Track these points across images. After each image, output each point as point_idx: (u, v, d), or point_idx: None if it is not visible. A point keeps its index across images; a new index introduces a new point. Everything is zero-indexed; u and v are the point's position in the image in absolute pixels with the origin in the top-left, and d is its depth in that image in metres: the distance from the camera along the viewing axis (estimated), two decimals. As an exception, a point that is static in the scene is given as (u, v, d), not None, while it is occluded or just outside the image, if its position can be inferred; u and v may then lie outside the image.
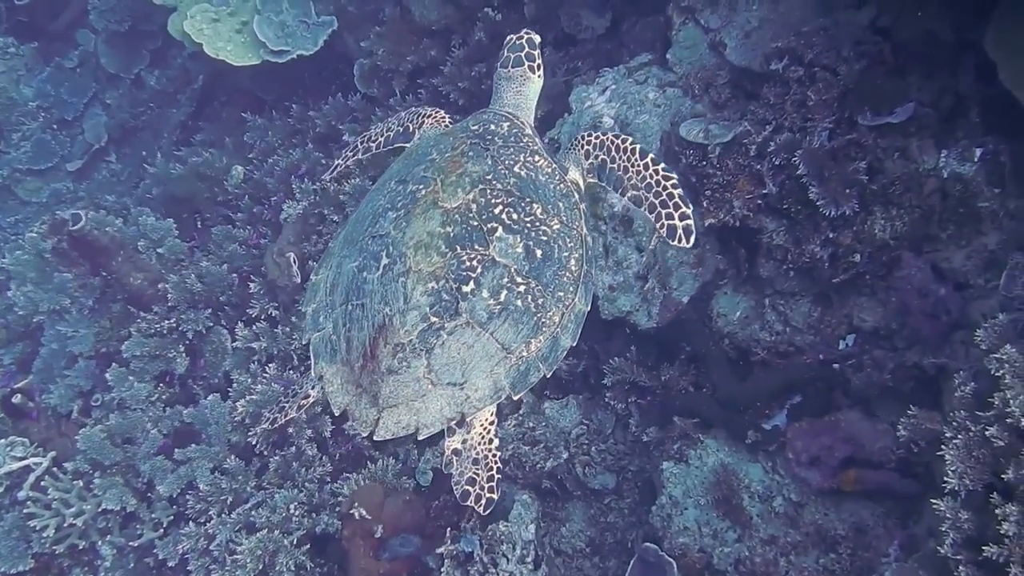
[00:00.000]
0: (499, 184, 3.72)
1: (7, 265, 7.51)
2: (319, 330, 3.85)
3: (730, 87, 5.58)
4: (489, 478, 3.71)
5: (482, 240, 3.59)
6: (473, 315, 3.51)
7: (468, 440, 3.73)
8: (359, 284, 3.68)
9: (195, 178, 7.98)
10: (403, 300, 3.52)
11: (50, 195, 10.11)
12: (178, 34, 8.14)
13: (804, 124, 5.03)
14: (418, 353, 3.50)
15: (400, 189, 3.86)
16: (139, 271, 6.93)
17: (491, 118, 4.13)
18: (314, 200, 7.00)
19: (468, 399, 3.56)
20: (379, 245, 3.69)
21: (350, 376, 3.67)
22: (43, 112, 10.41)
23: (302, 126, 7.99)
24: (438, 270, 3.53)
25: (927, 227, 4.85)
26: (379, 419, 3.56)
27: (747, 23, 5.47)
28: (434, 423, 3.56)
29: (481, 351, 3.54)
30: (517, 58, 4.30)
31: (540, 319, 3.61)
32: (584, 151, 4.09)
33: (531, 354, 3.62)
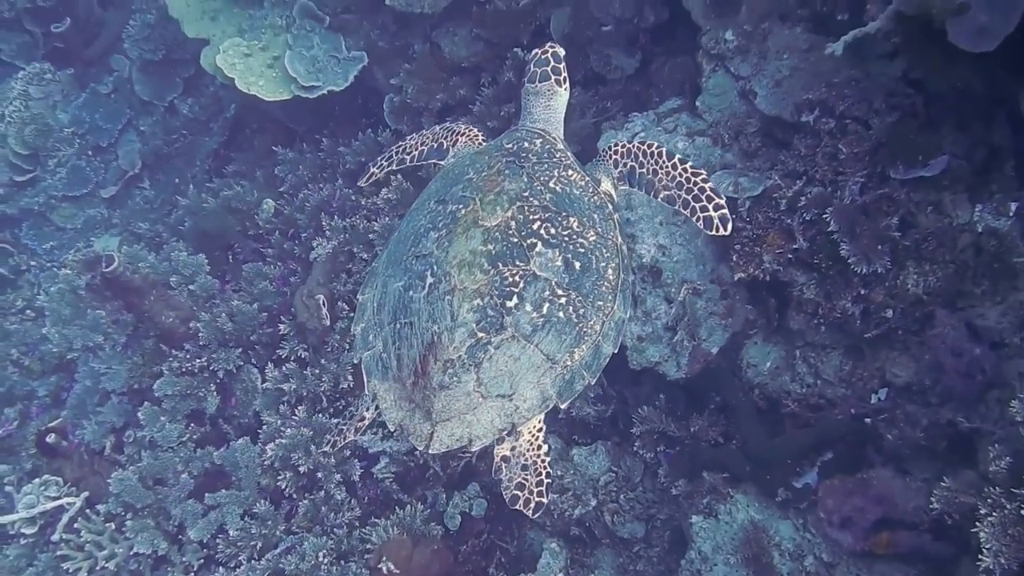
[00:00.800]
0: (536, 200, 3.82)
1: (43, 302, 7.58)
2: (369, 349, 3.94)
3: (760, 136, 5.53)
4: (538, 483, 3.76)
5: (523, 256, 3.69)
6: (518, 329, 3.61)
7: (517, 447, 3.80)
8: (406, 303, 3.79)
9: (226, 212, 8.02)
10: (450, 318, 3.62)
11: (85, 222, 10.21)
12: (210, 68, 8.18)
13: (835, 177, 4.98)
14: (467, 368, 3.60)
15: (440, 209, 3.95)
16: (171, 309, 6.99)
17: (524, 135, 4.24)
18: (344, 238, 7.01)
19: (517, 409, 3.65)
20: (423, 265, 3.80)
21: (403, 393, 3.76)
22: (78, 138, 10.50)
23: (332, 160, 8.00)
24: (482, 287, 3.63)
25: (961, 283, 4.78)
26: (433, 433, 3.65)
27: (778, 72, 5.41)
28: (486, 434, 3.66)
29: (527, 363, 3.63)
30: (543, 72, 4.36)
31: (582, 329, 3.71)
32: (613, 160, 4.24)
33: (575, 363, 3.71)
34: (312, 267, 6.93)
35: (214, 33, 8.41)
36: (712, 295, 5.41)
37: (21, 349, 8.53)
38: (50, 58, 11.10)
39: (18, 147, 10.38)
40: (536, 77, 4.37)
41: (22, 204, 10.26)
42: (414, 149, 4.81)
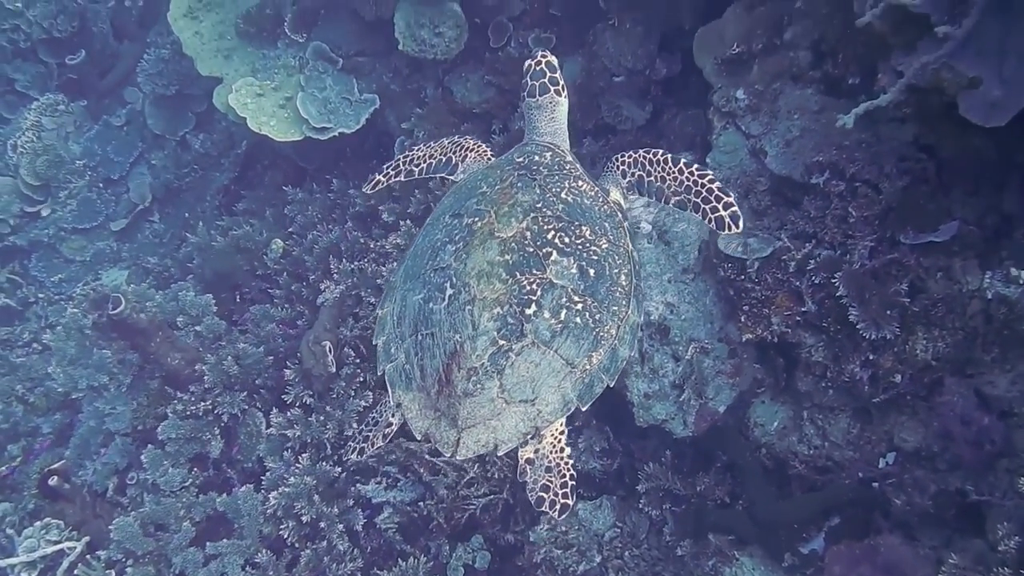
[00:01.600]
0: (549, 211, 3.95)
1: (49, 341, 7.58)
2: (392, 360, 4.04)
3: (770, 194, 5.51)
4: (563, 484, 3.86)
5: (539, 265, 3.81)
6: (537, 335, 3.73)
7: (540, 449, 3.91)
8: (426, 315, 3.89)
9: (235, 251, 8.02)
10: (472, 327, 3.72)
11: (94, 254, 10.23)
12: (223, 107, 8.23)
13: (845, 240, 4.96)
14: (490, 375, 3.71)
15: (456, 223, 4.07)
16: (177, 351, 6.97)
17: (534, 149, 4.39)
18: (352, 282, 7.00)
19: (540, 414, 3.77)
20: (442, 277, 3.91)
21: (427, 402, 3.87)
22: (89, 171, 10.55)
23: (342, 201, 8.01)
24: (501, 296, 3.75)
25: (970, 350, 4.74)
26: (459, 439, 3.76)
27: (788, 132, 5.40)
28: (511, 439, 3.77)
29: (548, 368, 3.75)
30: (543, 85, 4.48)
31: (599, 333, 3.84)
32: (620, 171, 4.38)
33: (593, 367, 3.83)
34: (319, 312, 6.91)
35: (227, 72, 8.46)
36: (720, 354, 5.39)
37: (27, 384, 8.53)
38: (64, 89, 11.19)
39: (30, 178, 10.44)
40: (536, 91, 4.49)
41: (32, 236, 10.30)
42: (422, 161, 4.90)
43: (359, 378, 6.57)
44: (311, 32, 8.13)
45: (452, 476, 6.08)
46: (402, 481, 6.23)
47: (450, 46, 7.32)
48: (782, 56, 5.49)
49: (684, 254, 5.43)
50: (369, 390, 6.52)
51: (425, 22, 7.24)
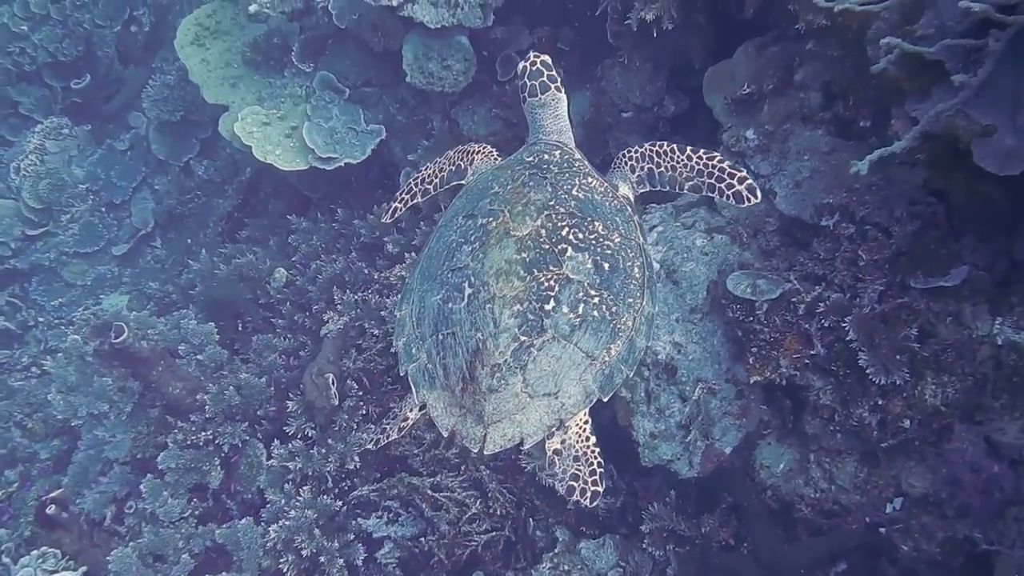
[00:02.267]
0: (561, 208, 4.03)
1: (49, 367, 7.53)
2: (414, 361, 4.08)
3: (779, 235, 5.50)
4: (591, 472, 3.92)
5: (555, 261, 3.88)
6: (557, 330, 3.79)
7: (566, 440, 3.94)
8: (446, 315, 3.93)
9: (238, 279, 8.00)
10: (493, 325, 3.77)
11: (95, 279, 10.23)
12: (228, 134, 8.22)
13: (854, 283, 4.93)
14: (514, 371, 3.76)
15: (470, 223, 4.13)
16: (178, 380, 6.94)
17: (543, 148, 4.47)
18: (356, 314, 6.97)
19: (563, 406, 3.82)
20: (460, 277, 3.96)
21: (452, 399, 3.90)
22: (92, 195, 10.57)
23: (346, 231, 7.99)
24: (520, 293, 3.81)
25: (980, 396, 4.71)
26: (486, 435, 3.79)
27: (798, 172, 5.40)
28: (536, 432, 3.82)
29: (569, 361, 3.81)
30: (542, 84, 4.54)
31: (616, 325, 3.91)
32: (629, 166, 4.49)
33: (613, 358, 3.90)
34: (322, 343, 6.88)
35: (233, 100, 8.47)
36: (727, 395, 5.35)
37: (25, 410, 8.48)
38: (68, 112, 11.23)
39: (32, 201, 10.45)
40: (537, 90, 4.54)
41: (33, 259, 10.26)
42: (434, 177, 4.94)
43: (362, 411, 6.54)
44: (318, 62, 8.15)
45: (454, 512, 6.04)
46: (403, 516, 6.20)
47: (458, 79, 7.32)
48: (792, 97, 5.49)
49: (692, 294, 5.40)
50: (372, 423, 6.49)
51: (433, 55, 7.25)
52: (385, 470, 6.54)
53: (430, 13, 7.01)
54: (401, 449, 6.39)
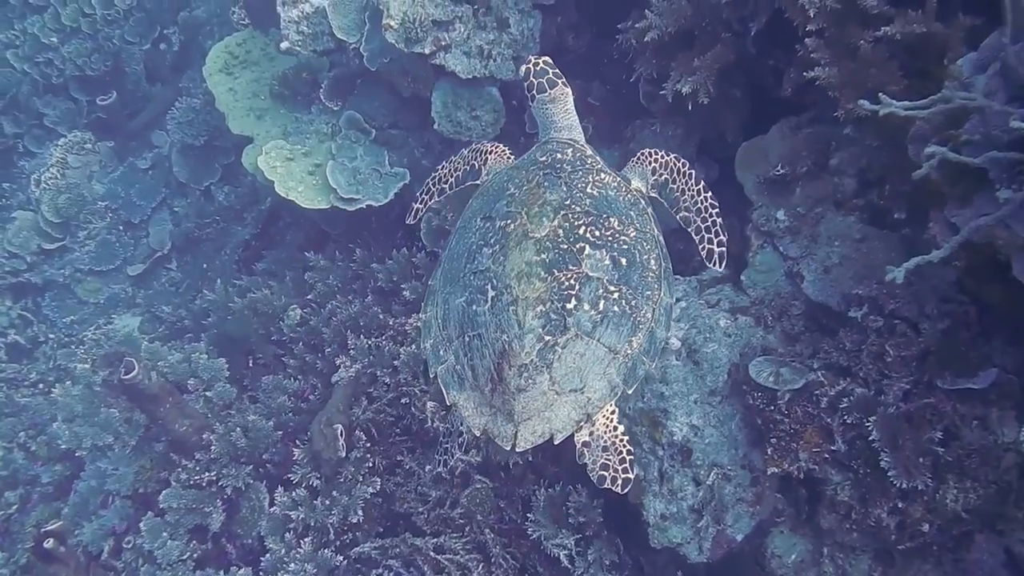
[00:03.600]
0: (577, 207, 4.13)
1: (57, 396, 7.46)
2: (442, 363, 4.19)
3: (804, 319, 5.41)
4: (621, 460, 4.05)
5: (574, 260, 3.99)
6: (580, 327, 3.91)
7: (594, 431, 4.07)
8: (471, 317, 4.05)
9: (252, 314, 7.90)
10: (517, 326, 3.88)
11: (108, 298, 10.16)
12: (251, 167, 8.16)
13: (880, 379, 4.84)
14: (540, 370, 3.87)
15: (488, 226, 4.21)
16: (186, 417, 6.86)
17: (555, 147, 4.54)
18: (368, 361, 6.88)
19: (590, 400, 3.95)
20: (482, 280, 4.06)
21: (482, 400, 4.01)
22: (111, 212, 10.51)
23: (364, 272, 7.88)
24: (542, 294, 3.92)
25: (1003, 505, 4.60)
26: (517, 432, 3.91)
27: (827, 258, 5.30)
28: (565, 427, 3.95)
29: (592, 357, 3.93)
30: (549, 80, 4.63)
31: (636, 319, 4.03)
32: (652, 168, 4.65)
33: (634, 351, 4.03)
34: (333, 390, 6.79)
35: (258, 132, 8.41)
36: (742, 481, 5.25)
37: (30, 432, 8.41)
38: (92, 127, 11.20)
39: (50, 215, 10.42)
40: (545, 87, 4.62)
41: (48, 274, 10.20)
42: (450, 176, 5.10)
43: (368, 463, 6.44)
44: (346, 100, 8.09)
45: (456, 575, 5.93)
46: (404, 576, 6.10)
47: (486, 130, 7.25)
48: (826, 181, 5.41)
49: (713, 376, 5.31)
50: (377, 476, 6.40)
51: (463, 104, 7.19)
52: (388, 525, 6.45)
53: (462, 63, 6.96)
54: (406, 506, 6.30)
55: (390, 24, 6.86)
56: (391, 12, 6.86)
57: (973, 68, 4.31)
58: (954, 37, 4.62)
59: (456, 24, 6.95)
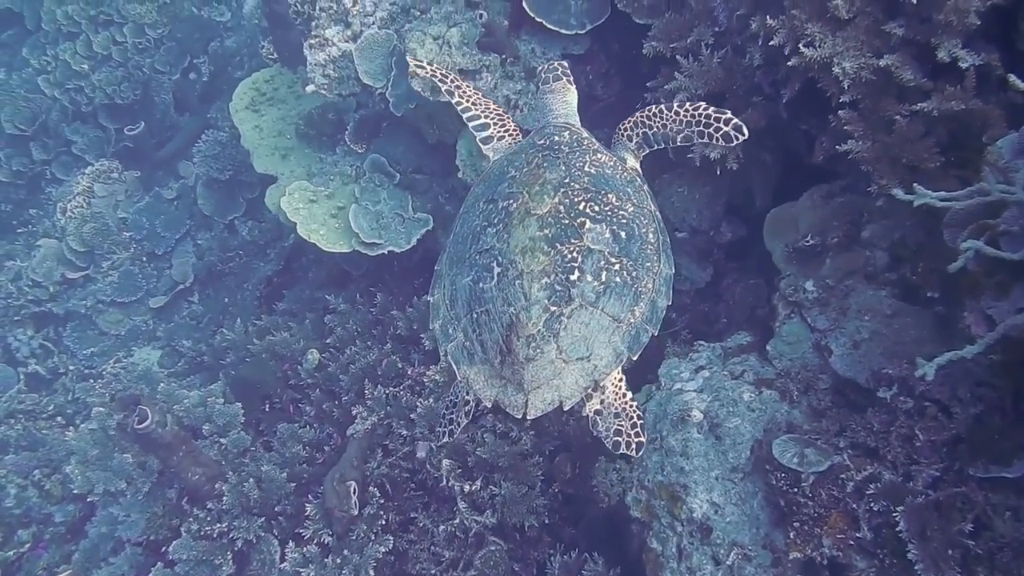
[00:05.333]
0: (576, 184, 4.35)
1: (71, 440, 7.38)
2: (451, 340, 4.37)
3: (832, 393, 5.22)
4: (632, 425, 4.33)
5: (576, 234, 4.17)
6: (584, 298, 4.08)
7: (605, 399, 4.29)
8: (478, 294, 4.24)
9: (270, 356, 7.82)
10: (524, 299, 4.07)
11: (129, 330, 10.13)
12: (273, 207, 8.10)
13: (908, 463, 4.65)
14: (547, 339, 4.04)
15: (491, 208, 4.42)
16: (199, 466, 6.77)
17: (552, 131, 4.83)
18: (385, 412, 6.77)
19: (596, 368, 4.12)
20: (487, 258, 4.25)
21: (492, 372, 4.19)
22: (135, 243, 10.49)
23: (384, 318, 7.78)
24: (546, 267, 4.10)
25: (1035, 601, 4.41)
26: (528, 401, 4.08)
27: (857, 332, 5.13)
28: (574, 394, 4.12)
29: (597, 326, 4.10)
30: (556, 75, 5.17)
31: (637, 289, 4.23)
32: (627, 136, 4.94)
33: (637, 319, 4.23)
34: (348, 442, 6.68)
35: (282, 171, 8.38)
36: (763, 561, 5.06)
37: (44, 469, 8.35)
38: (119, 156, 11.21)
39: (75, 244, 10.44)
40: (550, 79, 5.16)
41: (70, 304, 10.18)
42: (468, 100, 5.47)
43: (381, 520, 6.32)
44: (371, 143, 8.02)
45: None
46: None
47: (511, 180, 7.14)
48: (857, 253, 5.24)
49: (735, 452, 5.14)
50: (390, 534, 6.27)
51: (488, 153, 7.08)
52: (399, 585, 6.34)
53: (488, 113, 6.85)
54: (419, 567, 6.18)
55: (416, 72, 6.77)
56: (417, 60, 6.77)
57: (1013, 151, 4.16)
58: (994, 114, 4.47)
59: (483, 73, 6.86)
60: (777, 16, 4.99)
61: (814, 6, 4.89)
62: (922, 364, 3.82)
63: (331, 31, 7.63)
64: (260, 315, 8.77)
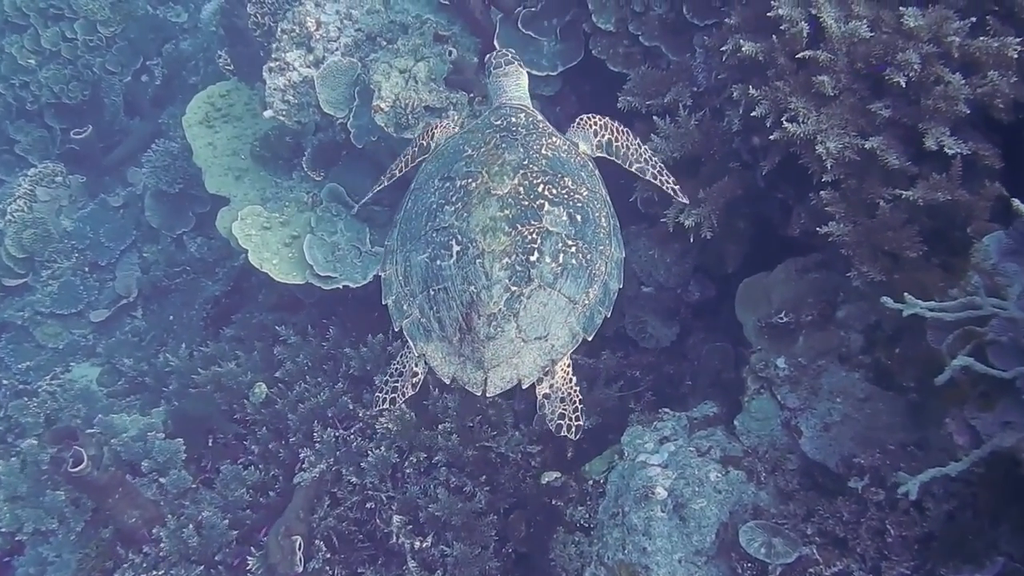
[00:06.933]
0: (535, 167, 4.44)
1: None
2: (407, 317, 4.48)
3: (800, 475, 5.08)
4: (574, 410, 4.41)
5: (535, 215, 4.29)
6: (543, 279, 4.21)
7: (554, 384, 4.37)
8: (435, 272, 4.31)
9: (215, 388, 7.50)
10: (485, 278, 4.15)
11: (67, 344, 9.70)
12: (224, 232, 7.77)
13: (879, 558, 4.52)
14: (508, 318, 4.17)
15: (448, 185, 4.48)
16: (136, 508, 6.47)
17: (508, 112, 4.89)
18: (335, 458, 6.51)
19: (553, 348, 4.29)
20: (446, 236, 4.32)
21: (450, 349, 4.31)
22: (77, 252, 10.06)
23: (336, 353, 7.50)
24: (507, 247, 4.19)
25: None
26: (487, 379, 4.21)
27: (828, 414, 4.99)
28: (532, 373, 4.28)
29: (554, 306, 4.24)
30: (507, 59, 5.23)
31: (591, 271, 4.36)
32: (593, 131, 5.03)
33: (591, 301, 4.37)
34: (295, 491, 6.41)
35: (236, 194, 8.06)
36: (725, 647, 4.92)
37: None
38: (64, 158, 10.79)
39: (14, 249, 9.97)
40: (502, 63, 5.20)
41: (5, 316, 9.74)
42: (402, 161, 5.53)
43: (327, 576, 6.07)
44: (329, 171, 7.71)
45: None
46: None
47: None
48: (832, 333, 5.09)
49: (700, 534, 4.96)
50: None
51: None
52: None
53: (454, 153, 6.62)
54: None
55: (380, 107, 6.53)
56: (382, 94, 6.53)
57: (1000, 251, 4.03)
58: (980, 206, 4.35)
59: (450, 111, 6.61)
60: (760, 86, 4.83)
61: (798, 80, 4.74)
62: (905, 479, 3.67)
63: (292, 55, 7.34)
64: (206, 340, 8.43)
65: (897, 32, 4.51)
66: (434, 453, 6.29)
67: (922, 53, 4.37)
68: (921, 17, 4.39)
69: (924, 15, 4.41)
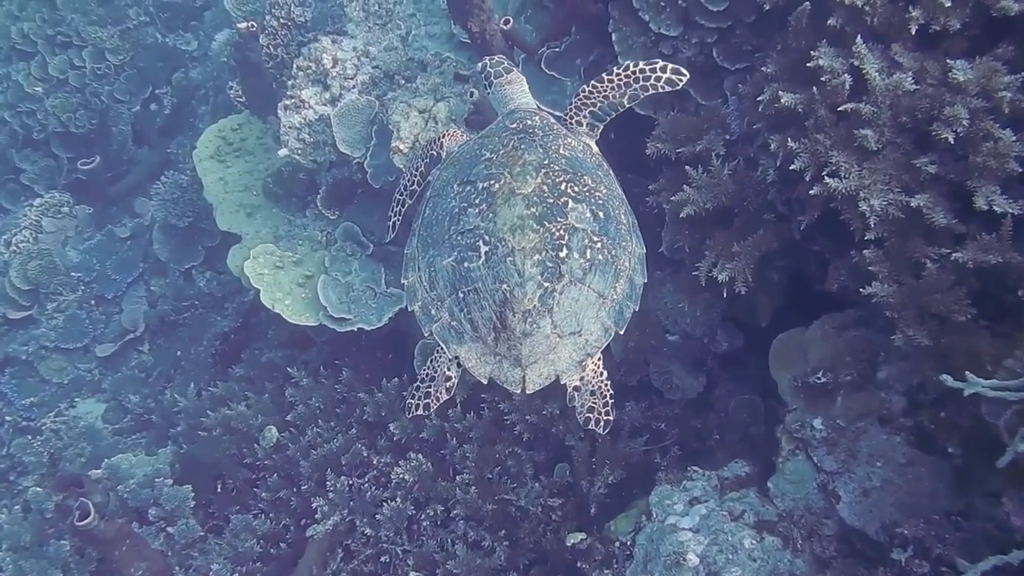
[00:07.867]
0: (555, 166, 4.46)
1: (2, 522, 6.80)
2: (436, 321, 4.45)
3: (837, 541, 4.87)
4: (604, 404, 4.43)
5: (561, 213, 4.30)
6: (573, 274, 4.22)
7: (584, 376, 4.37)
8: (463, 274, 4.29)
9: (224, 431, 7.30)
10: (517, 275, 4.16)
11: (72, 380, 9.51)
12: (236, 271, 7.60)
13: (923, 635, 4.32)
14: (542, 314, 4.18)
15: (469, 189, 4.46)
16: (142, 560, 6.26)
17: (523, 115, 4.89)
18: (349, 508, 6.31)
19: (587, 342, 4.32)
20: (472, 237, 4.31)
21: (485, 349, 4.30)
22: (83, 285, 9.89)
23: (350, 398, 7.30)
24: (537, 244, 4.20)
25: None
26: (525, 376, 4.24)
27: (867, 479, 4.79)
28: (569, 368, 4.30)
29: (585, 302, 4.25)
30: (507, 67, 5.18)
31: (617, 267, 4.38)
32: (575, 121, 5.00)
33: (619, 296, 4.39)
34: (307, 545, 6.21)
35: (247, 231, 7.90)
36: None
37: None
38: (71, 188, 10.64)
39: (19, 281, 9.79)
40: (502, 72, 5.14)
41: (9, 350, 9.53)
42: (415, 176, 5.46)
43: (340, 635, 5.87)
44: (344, 210, 7.55)
45: None
46: None
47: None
48: (872, 395, 4.89)
49: (734, 608, 4.77)
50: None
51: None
52: None
53: (472, 195, 6.44)
54: None
55: (399, 148, 6.36)
56: (401, 135, 6.37)
57: (1060, 320, 3.83)
58: (1032, 268, 4.14)
59: (469, 151, 6.43)
60: (798, 138, 4.64)
61: (839, 132, 4.56)
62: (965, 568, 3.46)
63: (308, 92, 7.17)
64: (215, 379, 8.23)
65: (943, 85, 4.34)
66: (452, 506, 6.11)
67: (970, 108, 4.19)
68: (970, 71, 4.21)
69: (972, 68, 4.24)
